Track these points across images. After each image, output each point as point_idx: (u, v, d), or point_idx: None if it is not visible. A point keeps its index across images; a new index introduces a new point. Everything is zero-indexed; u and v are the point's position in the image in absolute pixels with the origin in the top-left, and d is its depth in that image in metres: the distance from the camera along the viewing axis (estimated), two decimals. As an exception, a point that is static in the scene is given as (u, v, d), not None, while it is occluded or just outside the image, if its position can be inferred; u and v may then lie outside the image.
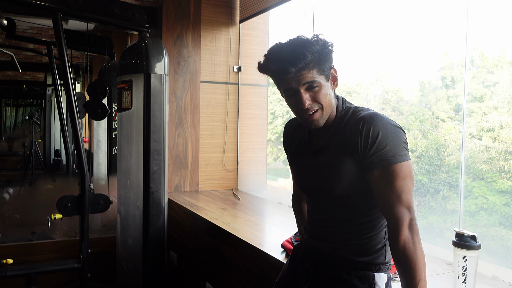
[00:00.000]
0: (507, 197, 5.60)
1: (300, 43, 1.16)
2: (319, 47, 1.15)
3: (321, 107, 1.19)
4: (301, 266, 1.35)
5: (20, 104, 11.99)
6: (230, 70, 3.48)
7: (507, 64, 6.57)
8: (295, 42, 1.17)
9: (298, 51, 1.14)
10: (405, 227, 1.10)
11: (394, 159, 1.11)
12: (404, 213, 1.11)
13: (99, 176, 4.13)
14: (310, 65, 1.14)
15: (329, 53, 1.18)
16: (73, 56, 6.54)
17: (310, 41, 1.16)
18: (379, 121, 1.13)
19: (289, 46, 1.16)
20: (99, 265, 2.96)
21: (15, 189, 4.59)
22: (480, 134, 6.25)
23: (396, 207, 1.11)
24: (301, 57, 1.13)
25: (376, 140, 1.12)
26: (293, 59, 1.13)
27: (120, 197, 2.70)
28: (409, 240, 1.10)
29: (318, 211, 1.32)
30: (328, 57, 1.18)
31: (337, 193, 1.22)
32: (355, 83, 8.49)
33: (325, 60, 1.17)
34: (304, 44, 1.15)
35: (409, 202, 1.12)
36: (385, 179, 1.12)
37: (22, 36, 4.40)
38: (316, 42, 1.16)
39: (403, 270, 1.11)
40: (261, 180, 3.62)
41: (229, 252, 2.28)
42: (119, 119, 2.70)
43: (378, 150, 1.12)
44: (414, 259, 1.10)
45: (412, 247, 1.10)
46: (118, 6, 2.57)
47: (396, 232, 1.11)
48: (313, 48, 1.14)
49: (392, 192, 1.12)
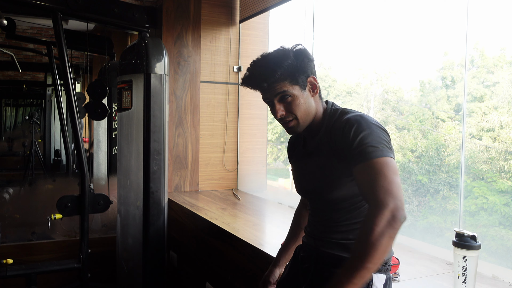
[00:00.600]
0: (507, 197, 5.60)
1: (273, 58, 1.25)
2: (290, 61, 1.22)
3: (295, 117, 1.26)
4: (301, 266, 1.36)
5: (20, 104, 11.99)
6: (230, 70, 3.48)
7: (507, 64, 6.57)
8: (269, 57, 1.26)
9: (269, 67, 1.23)
10: (387, 211, 1.00)
11: (376, 153, 1.10)
12: (388, 199, 1.02)
13: (99, 176, 4.13)
14: (281, 78, 1.23)
15: (302, 65, 1.24)
16: (73, 56, 6.54)
17: (282, 55, 1.24)
18: (363, 121, 1.16)
19: (263, 62, 1.26)
20: (99, 265, 2.96)
21: (15, 189, 4.60)
22: (480, 134, 6.25)
23: (379, 193, 1.04)
24: (271, 73, 1.23)
25: (359, 136, 1.13)
26: (264, 75, 1.24)
27: (120, 197, 2.70)
28: (383, 225, 0.99)
29: (315, 211, 1.35)
30: (302, 69, 1.24)
31: (330, 193, 1.24)
32: (355, 83, 8.49)
33: (298, 72, 1.24)
34: (276, 59, 1.24)
35: (394, 190, 1.04)
36: (369, 171, 1.10)
37: (22, 36, 4.39)
38: (288, 56, 1.23)
39: (356, 248, 1.03)
40: (261, 180, 3.62)
41: (229, 252, 2.28)
42: (119, 119, 2.70)
43: (360, 145, 1.12)
44: (381, 251, 0.99)
45: (385, 239, 0.99)
46: (118, 6, 2.57)
47: (374, 216, 1.01)
48: (284, 64, 1.22)
49: (375, 181, 1.07)
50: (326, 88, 9.99)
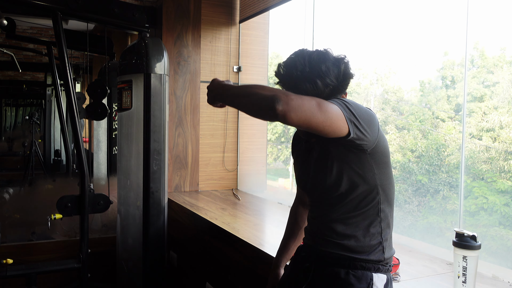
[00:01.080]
0: (507, 197, 5.60)
1: (313, 54, 1.22)
2: (326, 67, 1.19)
3: None
4: (301, 265, 1.36)
5: (20, 104, 12.01)
6: (230, 70, 3.48)
7: (507, 64, 6.58)
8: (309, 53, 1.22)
9: (303, 63, 1.21)
10: (278, 96, 1.02)
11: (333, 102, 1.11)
12: (289, 99, 1.02)
13: (99, 176, 4.13)
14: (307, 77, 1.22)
15: (343, 86, 1.23)
16: (73, 56, 6.53)
17: (321, 58, 1.20)
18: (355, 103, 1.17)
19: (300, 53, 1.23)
20: (99, 265, 2.96)
21: (15, 189, 4.60)
22: (480, 134, 6.26)
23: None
24: (311, 86, 1.21)
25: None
26: (302, 86, 1.22)
27: (120, 197, 2.70)
28: (270, 95, 1.03)
29: (314, 208, 1.35)
30: (342, 88, 1.23)
31: (329, 187, 1.24)
32: (355, 83, 8.49)
33: (337, 92, 1.22)
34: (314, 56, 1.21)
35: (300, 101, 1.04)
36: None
37: (22, 36, 4.39)
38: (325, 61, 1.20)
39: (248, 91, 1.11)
40: (261, 180, 3.62)
41: (229, 252, 2.28)
42: (119, 119, 2.70)
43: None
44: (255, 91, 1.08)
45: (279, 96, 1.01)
46: (118, 6, 2.57)
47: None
48: (321, 66, 1.19)
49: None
50: (326, 88, 9.92)
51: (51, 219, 2.41)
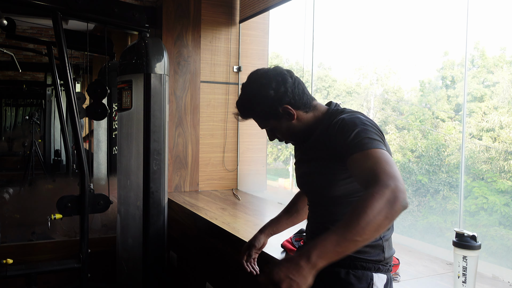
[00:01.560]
0: (507, 197, 5.61)
1: (249, 98, 1.32)
2: (262, 106, 1.29)
3: (286, 139, 1.37)
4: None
5: (20, 104, 12.00)
6: (230, 70, 3.48)
7: (507, 64, 6.57)
8: (247, 95, 1.33)
9: (244, 108, 1.34)
10: (388, 190, 0.94)
11: (371, 145, 1.09)
12: (389, 180, 0.96)
13: (99, 176, 4.13)
14: (257, 119, 1.35)
15: (275, 103, 1.28)
16: (73, 56, 6.53)
17: (258, 97, 1.29)
18: (357, 119, 1.18)
19: (242, 100, 1.35)
20: (99, 265, 2.96)
21: (15, 189, 4.60)
22: (480, 134, 6.26)
23: (380, 175, 0.98)
24: (246, 114, 1.35)
25: (352, 133, 1.13)
26: (243, 114, 1.36)
27: (120, 197, 2.70)
28: (383, 203, 0.92)
29: (314, 208, 1.37)
30: (274, 107, 1.29)
31: (327, 191, 1.25)
32: (355, 83, 8.49)
33: (270, 113, 1.30)
34: (252, 101, 1.31)
35: (396, 174, 0.98)
36: (367, 159, 1.06)
37: (22, 36, 4.39)
38: (264, 97, 1.28)
39: (350, 219, 0.94)
40: (261, 180, 3.62)
41: (229, 252, 2.28)
42: (119, 119, 2.70)
43: (356, 138, 1.12)
44: (372, 221, 0.91)
45: (379, 210, 0.91)
46: (118, 6, 2.57)
47: (374, 190, 0.95)
48: (257, 108, 1.30)
49: (375, 166, 1.02)
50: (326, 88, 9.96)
51: (51, 219, 2.41)
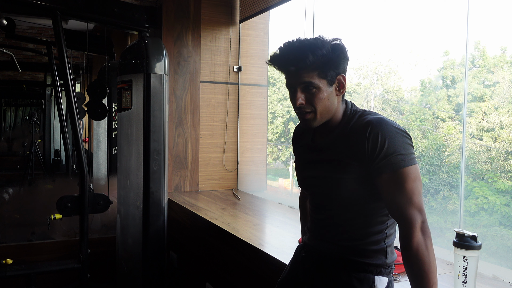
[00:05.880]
0: (508, 197, 5.60)
1: (309, 44, 1.17)
2: (325, 52, 1.16)
3: (313, 110, 1.21)
4: (302, 266, 1.35)
5: (20, 104, 12.01)
6: (230, 70, 3.47)
7: (508, 64, 6.57)
8: (305, 42, 1.18)
9: (302, 51, 1.16)
10: (418, 230, 1.10)
11: (403, 162, 1.12)
12: (416, 215, 1.10)
13: (99, 176, 4.13)
14: (311, 67, 1.16)
15: (337, 60, 1.18)
16: (73, 56, 6.52)
17: (319, 44, 1.17)
18: (386, 126, 1.14)
19: (298, 44, 1.18)
20: (99, 265, 2.96)
21: (15, 189, 4.60)
22: (481, 134, 6.26)
23: (407, 209, 1.11)
24: (302, 58, 1.15)
25: (384, 146, 1.12)
26: (295, 58, 1.16)
27: (120, 197, 2.70)
28: (421, 243, 1.09)
29: (318, 209, 1.32)
30: (335, 64, 1.18)
31: (335, 193, 1.22)
32: (355, 83, 8.50)
33: (330, 65, 1.17)
34: (312, 45, 1.16)
35: (420, 204, 1.12)
36: (395, 182, 1.12)
37: (22, 36, 4.39)
38: (324, 45, 1.17)
39: (416, 274, 1.09)
40: (261, 180, 3.62)
41: (229, 252, 2.28)
42: (119, 119, 2.70)
43: (386, 155, 1.12)
44: (427, 262, 1.08)
45: (425, 250, 1.08)
46: (118, 6, 2.56)
47: (408, 235, 1.10)
48: (318, 52, 1.15)
49: (403, 195, 1.11)
50: (326, 88, 9.92)
51: (50, 219, 2.41)
